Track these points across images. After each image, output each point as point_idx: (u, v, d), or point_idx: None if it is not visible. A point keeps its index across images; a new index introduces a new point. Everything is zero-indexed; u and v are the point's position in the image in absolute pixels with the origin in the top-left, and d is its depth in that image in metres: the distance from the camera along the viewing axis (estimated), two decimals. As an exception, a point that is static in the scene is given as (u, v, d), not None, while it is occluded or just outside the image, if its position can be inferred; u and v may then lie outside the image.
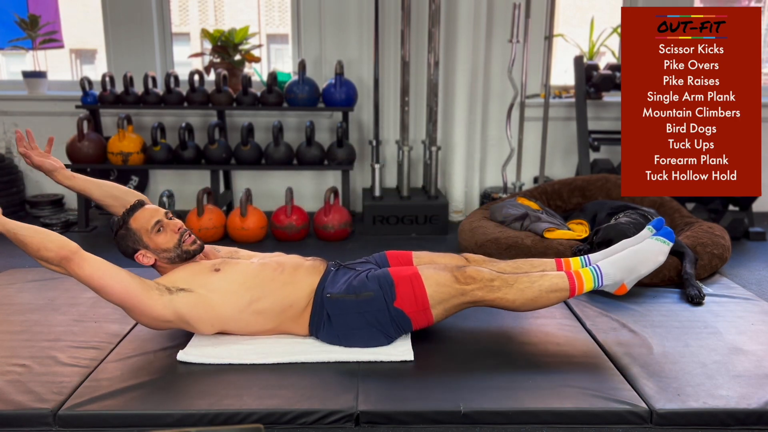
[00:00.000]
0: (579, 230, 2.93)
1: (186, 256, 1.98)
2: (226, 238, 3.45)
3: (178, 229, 1.98)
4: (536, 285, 1.93)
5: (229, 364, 1.87)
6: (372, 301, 1.92)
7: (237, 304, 1.93)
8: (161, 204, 3.42)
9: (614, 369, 1.88)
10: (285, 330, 2.01)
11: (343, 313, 1.93)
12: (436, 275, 1.93)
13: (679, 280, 2.60)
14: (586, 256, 2.20)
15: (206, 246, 2.12)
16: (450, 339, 2.09)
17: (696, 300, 2.41)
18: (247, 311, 1.94)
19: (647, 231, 2.11)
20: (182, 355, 1.91)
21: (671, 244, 2.03)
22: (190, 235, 1.99)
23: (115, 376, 1.82)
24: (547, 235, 2.84)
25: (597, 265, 2.01)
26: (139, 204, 2.01)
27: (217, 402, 1.68)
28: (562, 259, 2.19)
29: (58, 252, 1.78)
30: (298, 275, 1.99)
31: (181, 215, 3.57)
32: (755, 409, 1.67)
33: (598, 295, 2.50)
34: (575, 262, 2.16)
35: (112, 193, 2.17)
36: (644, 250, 2.02)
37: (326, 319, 1.95)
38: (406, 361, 1.91)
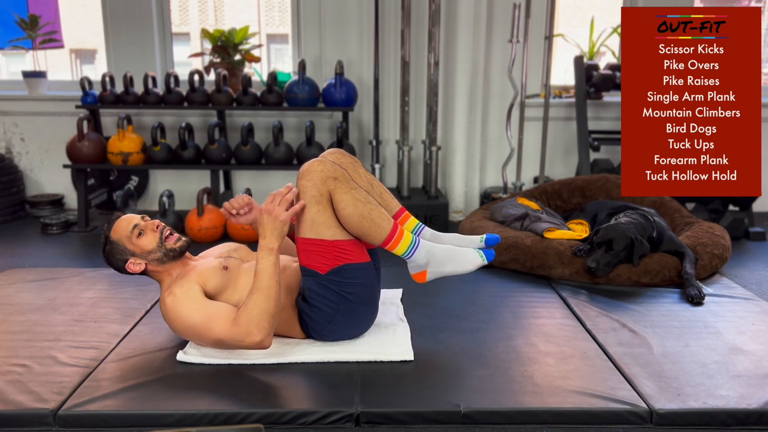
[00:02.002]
0: (579, 230, 2.93)
1: (173, 254, 1.96)
2: (226, 238, 3.45)
3: (157, 227, 1.96)
4: (369, 207, 1.88)
5: (229, 364, 1.87)
6: (313, 293, 1.91)
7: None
8: (161, 204, 3.42)
9: (614, 369, 1.88)
10: (282, 333, 2.02)
11: (310, 315, 1.94)
12: (309, 220, 1.87)
13: (679, 280, 2.61)
14: (422, 226, 2.12)
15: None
16: (450, 339, 2.09)
17: (696, 300, 2.41)
18: None
19: (479, 240, 2.08)
20: (182, 355, 1.91)
21: (485, 263, 1.99)
22: (171, 233, 1.98)
23: (115, 376, 1.82)
24: (547, 235, 2.84)
25: (420, 239, 1.97)
26: (115, 217, 2.01)
27: (217, 402, 1.68)
28: (406, 213, 2.12)
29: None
30: (282, 279, 1.97)
31: (181, 215, 3.59)
32: (755, 409, 1.67)
33: (598, 294, 2.50)
34: (412, 224, 2.11)
35: None
36: (461, 254, 1.97)
37: (308, 319, 1.96)
38: (406, 361, 1.92)
